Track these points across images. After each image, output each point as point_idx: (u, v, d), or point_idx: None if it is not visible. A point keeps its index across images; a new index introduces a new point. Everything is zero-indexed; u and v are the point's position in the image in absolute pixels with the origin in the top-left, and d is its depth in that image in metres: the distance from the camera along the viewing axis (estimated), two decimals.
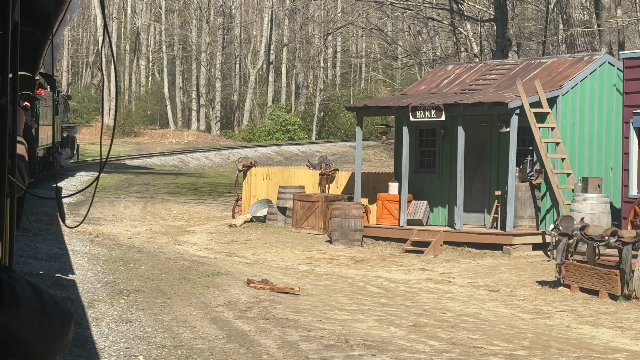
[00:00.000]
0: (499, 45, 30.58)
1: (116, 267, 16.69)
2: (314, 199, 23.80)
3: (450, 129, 22.49)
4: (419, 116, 21.40)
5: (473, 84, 22.97)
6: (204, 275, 16.19)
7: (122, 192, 35.37)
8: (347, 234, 22.27)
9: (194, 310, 13.04)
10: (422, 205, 22.64)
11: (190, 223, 27.28)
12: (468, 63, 25.24)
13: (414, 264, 19.93)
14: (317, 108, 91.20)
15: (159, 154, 60.79)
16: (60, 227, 22.89)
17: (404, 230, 22.04)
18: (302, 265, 19.39)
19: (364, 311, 13.73)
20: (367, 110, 22.70)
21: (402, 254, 21.37)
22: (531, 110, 20.21)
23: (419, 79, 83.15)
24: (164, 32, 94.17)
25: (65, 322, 2.37)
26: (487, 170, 22.11)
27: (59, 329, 2.35)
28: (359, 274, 18.41)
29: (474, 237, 20.92)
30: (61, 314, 2.36)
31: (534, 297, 16.00)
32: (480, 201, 22.15)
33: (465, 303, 15.24)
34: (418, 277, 18.32)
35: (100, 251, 18.78)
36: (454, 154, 22.50)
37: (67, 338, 2.38)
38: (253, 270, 17.53)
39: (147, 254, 19.01)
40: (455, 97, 21.68)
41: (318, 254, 21.17)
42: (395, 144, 23.90)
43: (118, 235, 23.14)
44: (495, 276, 18.23)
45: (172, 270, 16.64)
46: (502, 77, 22.75)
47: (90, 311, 12.68)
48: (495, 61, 24.72)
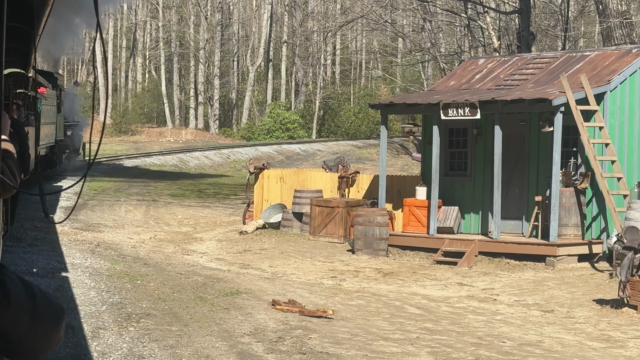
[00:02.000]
0: (524, 38, 28.68)
1: (122, 285, 14.77)
2: (334, 204, 21.87)
3: (484, 128, 20.60)
4: (451, 114, 19.49)
5: (509, 79, 21.05)
6: (222, 295, 14.28)
7: (123, 194, 33.42)
8: (372, 243, 20.37)
9: (217, 341, 11.13)
10: (452, 212, 20.73)
11: (197, 229, 25.36)
12: (501, 56, 23.31)
13: (449, 278, 18.02)
14: (317, 106, 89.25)
15: (157, 153, 58.97)
16: (58, 236, 20.96)
17: (434, 239, 20.13)
18: (326, 280, 17.49)
19: (412, 341, 11.82)
20: (392, 108, 20.74)
21: (433, 266, 19.46)
22: (577, 107, 18.30)
23: (423, 77, 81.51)
24: (161, 29, 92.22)
25: (57, 319, 2.38)
26: (526, 174, 20.19)
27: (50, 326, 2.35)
28: (392, 290, 16.50)
29: (513, 247, 19.02)
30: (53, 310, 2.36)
31: (597, 320, 14.11)
32: (517, 207, 20.24)
33: (520, 328, 13.35)
34: (457, 293, 16.42)
35: (103, 264, 16.85)
36: (488, 155, 20.62)
37: (59, 335, 2.39)
38: (275, 288, 15.61)
39: (154, 268, 17.08)
40: (490, 94, 19.76)
41: (341, 266, 19.26)
42: (422, 144, 21.99)
43: (121, 244, 21.21)
44: (544, 293, 16.33)
45: (185, 288, 14.72)
46: (540, 71, 20.83)
47: (95, 343, 10.76)
48: (531, 54, 22.78)
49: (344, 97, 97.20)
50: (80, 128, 44.57)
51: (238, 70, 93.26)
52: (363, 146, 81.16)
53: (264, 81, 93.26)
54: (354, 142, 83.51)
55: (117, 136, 73.02)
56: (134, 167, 50.25)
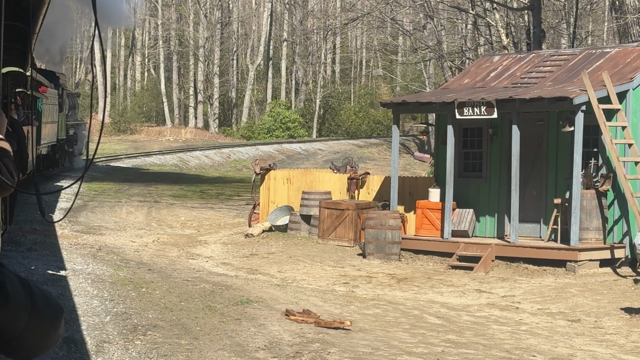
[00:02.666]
0: (536, 36, 27.91)
1: (126, 293, 14.02)
2: (344, 206, 21.10)
3: (500, 127, 19.85)
4: (466, 113, 18.73)
5: (525, 77, 20.28)
6: (232, 304, 13.53)
7: (123, 195, 32.66)
8: (384, 247, 19.62)
9: (230, 356, 10.39)
10: (467, 215, 19.98)
11: (200, 231, 24.61)
12: (517, 53, 22.51)
13: (466, 284, 17.27)
14: (318, 105, 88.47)
15: (157, 153, 58.27)
16: (58, 239, 20.22)
17: (448, 243, 19.38)
18: (338, 286, 16.74)
19: (437, 355, 11.08)
20: (405, 106, 19.95)
21: (448, 271, 18.71)
22: (599, 106, 17.55)
23: (425, 75, 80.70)
24: (161, 27, 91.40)
25: (56, 317, 2.36)
26: (544, 175, 19.43)
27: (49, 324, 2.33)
28: (408, 297, 15.75)
29: (532, 252, 18.26)
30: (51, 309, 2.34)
31: (627, 331, 13.37)
32: (534, 210, 19.48)
33: (549, 339, 12.60)
34: (477, 301, 15.67)
35: (106, 270, 16.10)
36: (504, 156, 19.88)
37: (57, 333, 2.38)
38: (287, 296, 14.86)
39: (159, 274, 16.33)
40: (507, 92, 19.01)
41: (352, 271, 18.51)
42: (435, 144, 21.26)
43: (123, 247, 20.46)
44: (567, 301, 15.58)
45: (192, 297, 13.97)
46: (559, 69, 20.06)
47: (100, 359, 10.02)
48: (548, 51, 22.00)
49: (344, 96, 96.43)
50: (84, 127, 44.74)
51: (237, 69, 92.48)
52: (364, 145, 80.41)
53: (263, 80, 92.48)
54: (355, 141, 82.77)
55: (115, 135, 72.30)
56: (134, 167, 49.51)
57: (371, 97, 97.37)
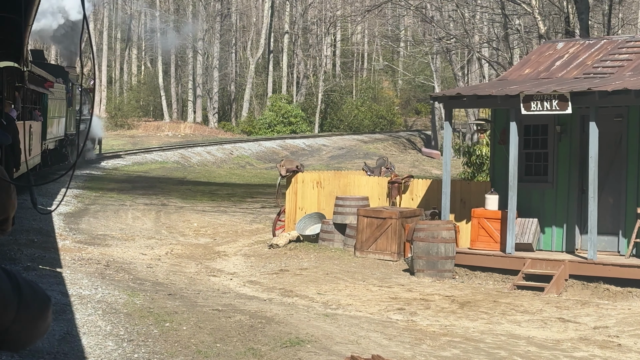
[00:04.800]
0: (583, 22, 25.29)
1: (147, 329, 11.35)
2: (386, 215, 18.40)
3: (570, 124, 17.21)
4: (533, 108, 16.05)
5: (599, 66, 17.62)
6: (280, 346, 10.86)
7: (127, 197, 29.95)
8: (436, 263, 16.96)
9: None
10: (531, 225, 17.31)
11: (217, 240, 21.96)
12: (584, 39, 19.82)
13: (543, 310, 14.61)
14: (320, 99, 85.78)
15: (157, 149, 55.70)
16: (59, 253, 17.54)
17: (512, 259, 16.71)
18: (393, 313, 14.09)
19: None
20: (459, 100, 17.25)
21: (513, 292, 16.04)
22: None
23: (433, 69, 77.89)
24: (158, 19, 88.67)
25: (44, 308, 2.33)
26: (623, 180, 16.76)
27: (37, 315, 2.31)
28: (483, 330, 13.09)
29: (615, 270, 15.60)
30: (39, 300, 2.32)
31: None
32: (611, 220, 16.83)
33: None
34: (565, 334, 13.00)
35: (119, 297, 13.41)
36: (573, 157, 17.24)
37: (45, 324, 2.35)
38: (342, 332, 12.18)
39: (182, 301, 13.63)
40: (582, 83, 16.34)
41: (403, 292, 15.84)
42: (491, 143, 18.58)
43: (133, 262, 17.79)
44: None
45: (229, 335, 11.30)
46: (638, 57, 17.41)
47: None
48: (623, 37, 19.34)
49: (346, 90, 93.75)
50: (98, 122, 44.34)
51: (237, 62, 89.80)
52: (369, 141, 77.78)
53: (263, 73, 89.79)
54: (359, 136, 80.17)
55: (112, 130, 69.70)
56: (135, 164, 46.84)
57: (373, 91, 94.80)
